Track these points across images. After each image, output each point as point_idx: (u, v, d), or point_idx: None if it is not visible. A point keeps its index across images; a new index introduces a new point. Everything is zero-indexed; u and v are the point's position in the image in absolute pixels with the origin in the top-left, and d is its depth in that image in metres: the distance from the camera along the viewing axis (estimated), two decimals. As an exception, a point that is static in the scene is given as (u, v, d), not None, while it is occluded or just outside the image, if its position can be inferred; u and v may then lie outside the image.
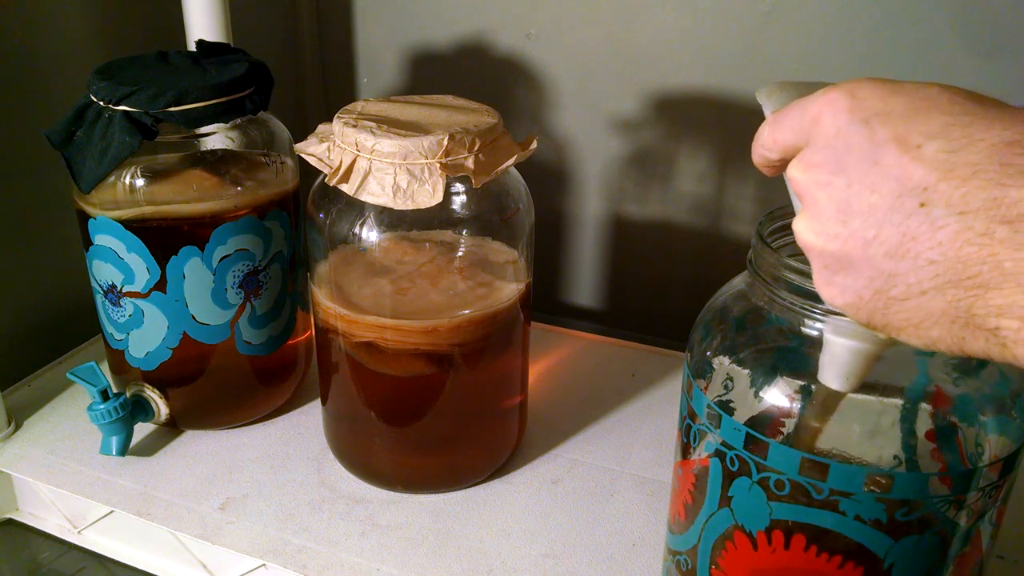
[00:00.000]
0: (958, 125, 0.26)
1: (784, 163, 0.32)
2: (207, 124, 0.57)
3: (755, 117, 0.34)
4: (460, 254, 0.56)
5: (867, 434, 0.37)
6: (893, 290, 0.27)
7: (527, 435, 0.64)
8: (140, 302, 0.59)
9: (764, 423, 0.37)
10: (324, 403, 0.61)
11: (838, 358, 0.36)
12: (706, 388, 0.40)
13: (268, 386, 0.66)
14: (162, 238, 0.58)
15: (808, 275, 0.36)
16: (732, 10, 0.73)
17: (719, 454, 0.39)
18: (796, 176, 0.30)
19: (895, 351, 0.36)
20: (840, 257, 0.29)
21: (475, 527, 0.57)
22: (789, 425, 0.37)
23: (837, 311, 0.36)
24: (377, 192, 0.49)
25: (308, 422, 0.67)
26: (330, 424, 0.62)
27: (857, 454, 0.37)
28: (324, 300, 0.56)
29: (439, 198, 0.48)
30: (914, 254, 0.26)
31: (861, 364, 0.35)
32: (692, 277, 0.83)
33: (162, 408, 0.63)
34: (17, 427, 0.65)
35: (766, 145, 0.32)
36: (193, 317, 0.60)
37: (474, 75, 0.84)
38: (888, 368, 0.36)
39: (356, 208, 0.53)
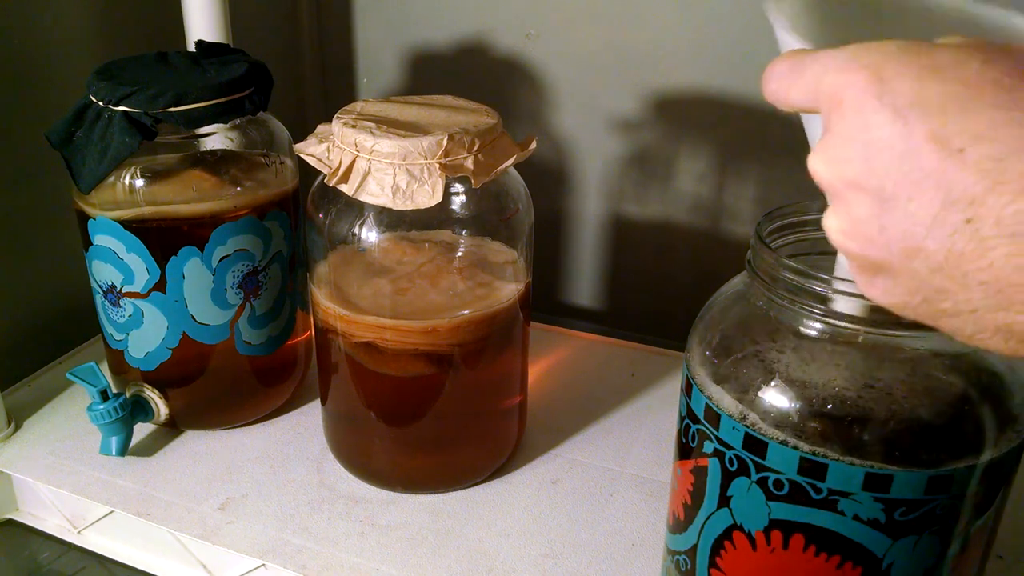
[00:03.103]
0: (1007, 123, 0.23)
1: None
2: (207, 124, 0.57)
3: (755, 118, 0.33)
4: (459, 254, 0.56)
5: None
6: (943, 303, 0.25)
7: (527, 435, 0.64)
8: (140, 302, 0.59)
9: (763, 423, 0.37)
10: (324, 403, 0.61)
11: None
12: (705, 388, 0.40)
13: (268, 386, 0.66)
14: (162, 238, 0.58)
15: (806, 275, 0.37)
16: (732, 10, 0.73)
17: (718, 454, 0.39)
18: (820, 171, 0.27)
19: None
20: (881, 264, 0.26)
21: (474, 527, 0.57)
22: (787, 424, 0.37)
23: (836, 314, 0.36)
24: (376, 192, 0.49)
25: (308, 422, 0.67)
26: (330, 424, 0.62)
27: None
28: (324, 300, 0.56)
29: (438, 198, 0.48)
30: (962, 273, 0.24)
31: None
32: (692, 277, 0.83)
33: (162, 408, 0.63)
34: (17, 427, 0.65)
35: (777, 99, 0.29)
36: (193, 317, 0.60)
37: (474, 75, 0.84)
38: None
39: (355, 208, 0.53)
